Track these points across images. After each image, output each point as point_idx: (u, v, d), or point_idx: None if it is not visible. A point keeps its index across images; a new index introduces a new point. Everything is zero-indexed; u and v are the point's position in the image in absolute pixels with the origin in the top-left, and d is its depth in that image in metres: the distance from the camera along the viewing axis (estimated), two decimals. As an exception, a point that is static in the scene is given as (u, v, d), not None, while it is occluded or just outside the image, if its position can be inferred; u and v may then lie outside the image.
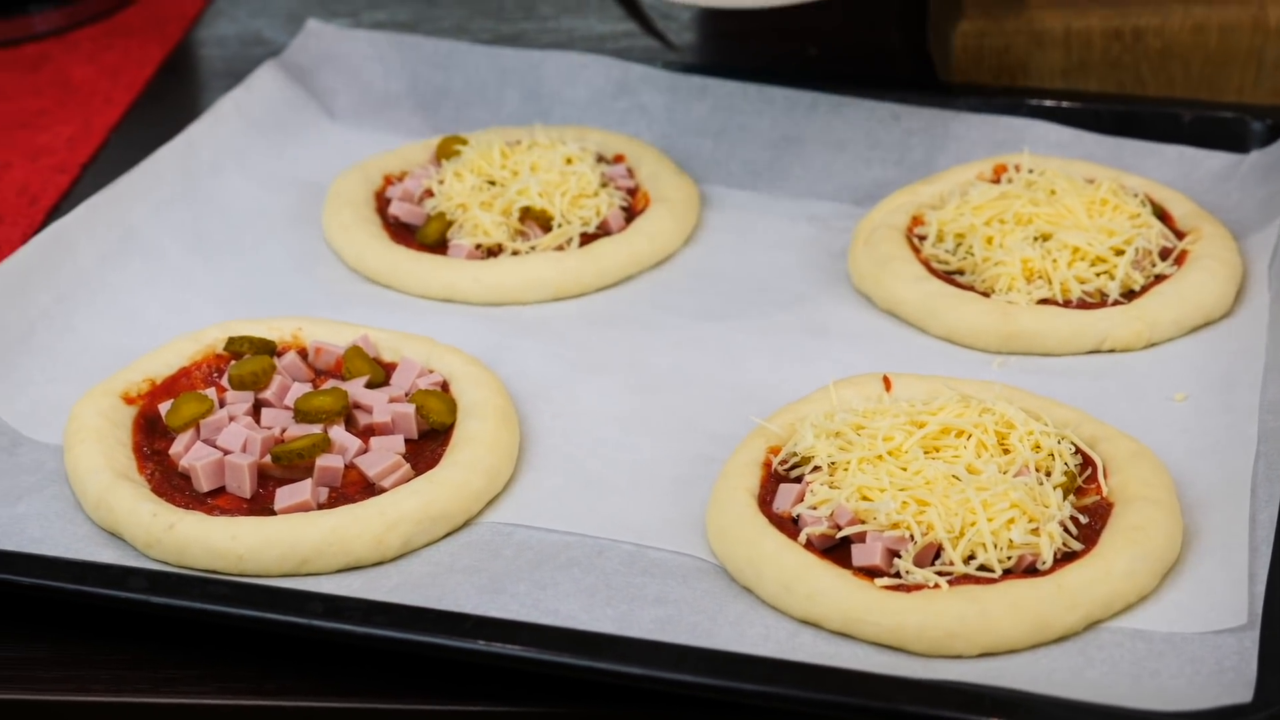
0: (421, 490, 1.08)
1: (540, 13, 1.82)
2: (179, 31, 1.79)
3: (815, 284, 1.33)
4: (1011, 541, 1.01)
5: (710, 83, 1.51)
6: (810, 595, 1.00)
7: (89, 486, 1.09)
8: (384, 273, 1.34)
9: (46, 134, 1.59)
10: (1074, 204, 1.29)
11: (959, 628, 0.98)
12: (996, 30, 1.52)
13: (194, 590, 1.00)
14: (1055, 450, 1.08)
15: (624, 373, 1.23)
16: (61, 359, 1.23)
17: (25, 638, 1.04)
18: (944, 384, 1.15)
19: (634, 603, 1.02)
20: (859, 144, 1.45)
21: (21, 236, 1.43)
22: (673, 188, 1.40)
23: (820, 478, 1.07)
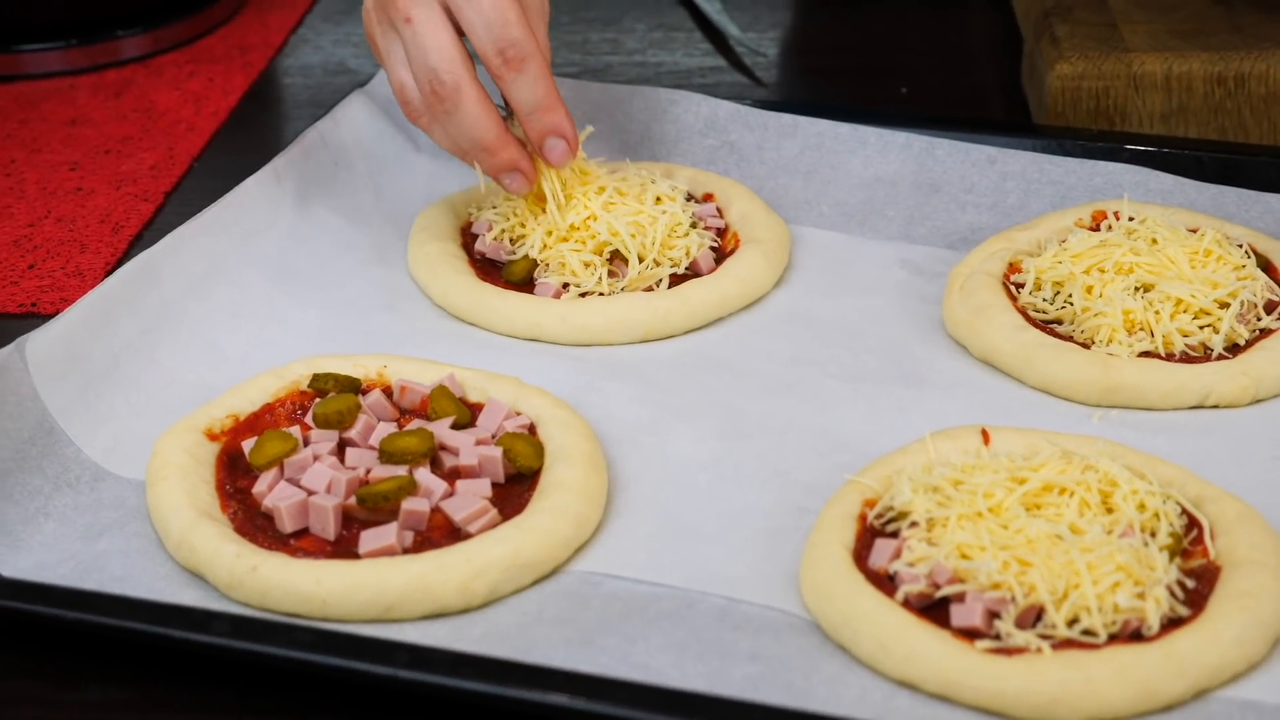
0: (509, 537, 1.06)
1: (626, 46, 1.80)
2: (263, 60, 1.78)
3: (908, 330, 1.31)
4: (1117, 605, 0.98)
5: (801, 121, 1.49)
6: (908, 656, 0.97)
7: (171, 525, 1.08)
8: (469, 310, 1.32)
9: (130, 161, 1.58)
10: (1176, 254, 1.26)
11: (1062, 694, 0.95)
12: (1095, 73, 1.50)
13: (278, 637, 0.98)
14: (1160, 510, 1.05)
15: (714, 418, 1.21)
16: (145, 393, 1.22)
17: (103, 679, 1.02)
18: (1045, 439, 1.12)
19: (726, 659, 1.00)
20: (953, 186, 1.43)
21: (105, 265, 1.42)
22: (764, 228, 1.38)
23: (918, 534, 1.04)
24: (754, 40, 1.80)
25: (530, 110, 1.29)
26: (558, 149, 1.31)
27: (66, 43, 1.75)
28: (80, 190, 1.53)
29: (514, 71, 1.27)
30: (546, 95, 1.29)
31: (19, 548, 1.09)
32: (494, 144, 1.30)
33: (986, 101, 1.67)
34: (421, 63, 1.27)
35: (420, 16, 1.26)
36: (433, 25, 1.26)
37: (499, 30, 1.26)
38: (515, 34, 1.26)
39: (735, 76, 1.74)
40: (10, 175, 1.56)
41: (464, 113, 1.28)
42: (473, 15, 1.26)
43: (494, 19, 1.25)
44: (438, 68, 1.26)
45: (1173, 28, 1.54)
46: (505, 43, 1.26)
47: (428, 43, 1.26)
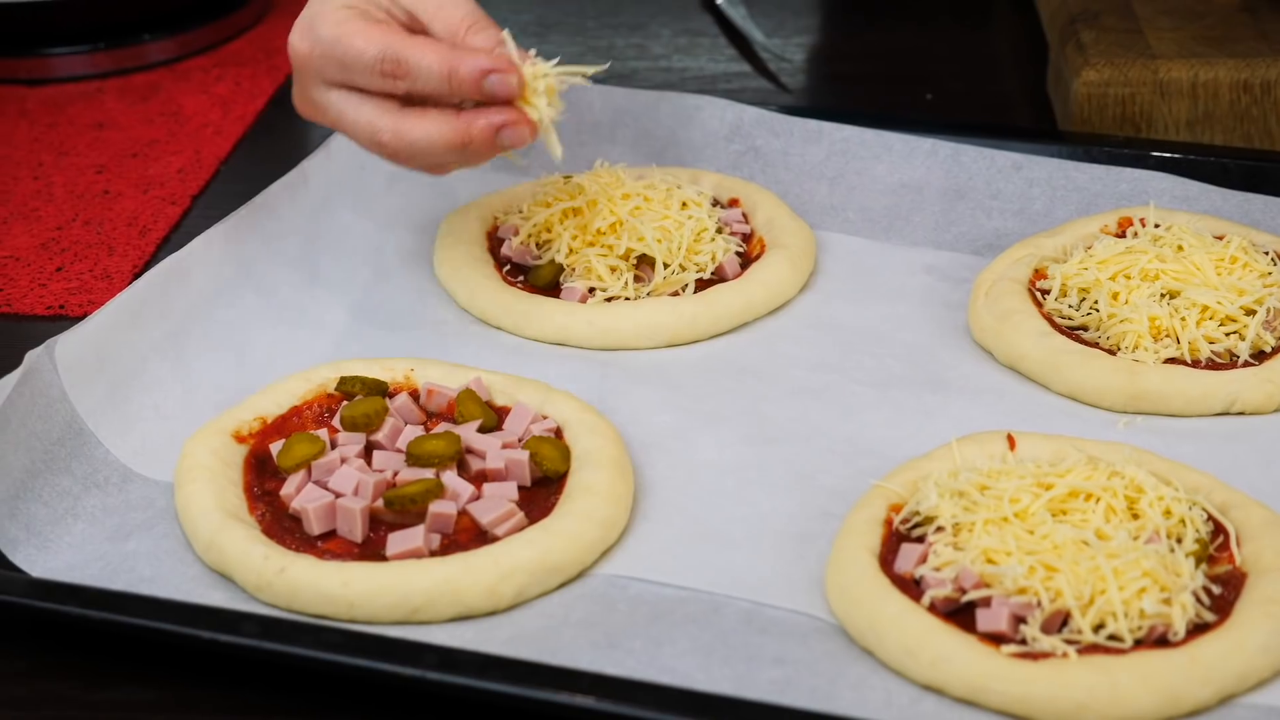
0: (536, 540, 1.06)
1: (652, 52, 1.80)
2: (288, 64, 1.77)
3: (934, 336, 1.31)
4: (1143, 611, 0.98)
5: (826, 127, 1.49)
6: (934, 661, 0.98)
7: (200, 527, 1.08)
8: (496, 314, 1.33)
9: (157, 165, 1.59)
10: (1202, 261, 1.26)
11: (1088, 699, 0.95)
12: (1121, 79, 1.50)
13: (307, 638, 0.98)
14: (1186, 517, 1.05)
15: (739, 423, 1.21)
16: (173, 395, 1.23)
17: (131, 679, 1.03)
18: (1071, 444, 1.12)
19: (752, 663, 1.00)
20: (979, 193, 1.43)
21: (132, 268, 1.43)
22: (789, 234, 1.38)
23: (944, 539, 1.04)
24: (779, 46, 1.80)
25: (444, 82, 1.20)
26: (496, 82, 1.21)
27: (94, 47, 1.76)
28: (108, 193, 1.54)
29: (403, 77, 1.20)
30: (443, 59, 1.20)
31: (48, 548, 1.09)
32: (470, 70, 1.20)
33: (1012, 108, 1.67)
34: (357, 63, 1.21)
35: (334, 35, 1.22)
36: (340, 32, 1.22)
37: (360, 60, 1.21)
38: (373, 50, 1.20)
39: (760, 82, 1.74)
40: (38, 178, 1.57)
41: (420, 57, 1.19)
42: (336, 70, 1.22)
43: (347, 53, 1.21)
44: (364, 49, 1.20)
45: (1199, 34, 1.54)
46: (374, 63, 1.20)
47: (345, 45, 1.21)
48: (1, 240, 1.47)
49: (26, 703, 1.01)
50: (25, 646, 1.04)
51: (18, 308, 1.37)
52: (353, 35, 1.20)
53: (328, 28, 1.22)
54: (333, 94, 1.24)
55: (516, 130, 1.22)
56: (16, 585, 1.04)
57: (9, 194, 1.54)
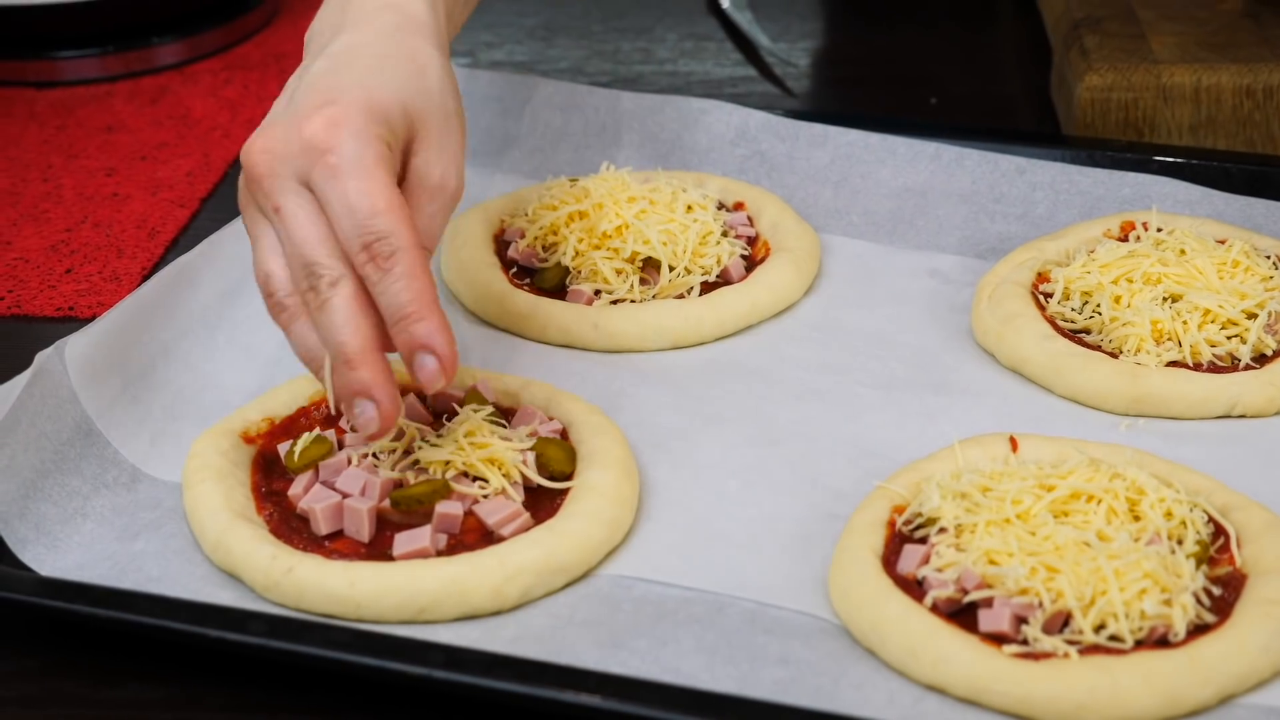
0: (542, 540, 1.07)
1: (657, 56, 1.81)
2: (297, 67, 1.79)
3: (937, 339, 1.31)
4: (1144, 612, 0.99)
5: (831, 131, 1.49)
6: (936, 661, 0.98)
7: (208, 527, 1.09)
8: (502, 316, 1.33)
9: (166, 167, 1.60)
10: (1205, 265, 1.27)
11: (1089, 699, 0.96)
12: (1124, 84, 1.50)
13: (314, 637, 0.99)
14: (1187, 519, 1.06)
15: (744, 425, 1.22)
16: (181, 396, 1.23)
17: (138, 678, 1.04)
18: (1073, 446, 1.13)
19: (755, 662, 1.01)
20: (982, 197, 1.44)
21: (141, 269, 1.44)
22: (794, 237, 1.39)
23: (946, 540, 1.05)
24: (784, 50, 1.81)
25: (396, 317, 1.07)
26: (426, 367, 1.08)
27: (103, 50, 1.77)
28: (117, 196, 1.55)
29: (379, 270, 1.06)
30: (416, 299, 1.07)
31: (57, 548, 1.10)
32: (354, 354, 1.07)
33: (1015, 112, 1.68)
34: (295, 254, 1.08)
35: (289, 206, 1.08)
36: (303, 215, 1.08)
37: (365, 220, 1.06)
38: (382, 225, 1.06)
39: (766, 86, 1.75)
40: (48, 180, 1.58)
41: (334, 310, 1.07)
42: (336, 204, 1.07)
43: (358, 207, 1.06)
44: (314, 259, 1.07)
45: (1202, 40, 1.55)
46: (370, 235, 1.06)
47: (300, 234, 1.08)
48: (11, 242, 1.48)
49: (36, 700, 1.02)
50: (35, 645, 1.05)
51: (27, 309, 1.38)
52: (378, 191, 1.07)
53: (352, 149, 1.08)
54: (289, 198, 1.09)
55: (367, 420, 1.09)
56: (26, 584, 1.05)
57: (19, 196, 1.55)
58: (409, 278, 1.07)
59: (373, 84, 1.10)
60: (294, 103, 1.11)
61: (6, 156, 1.62)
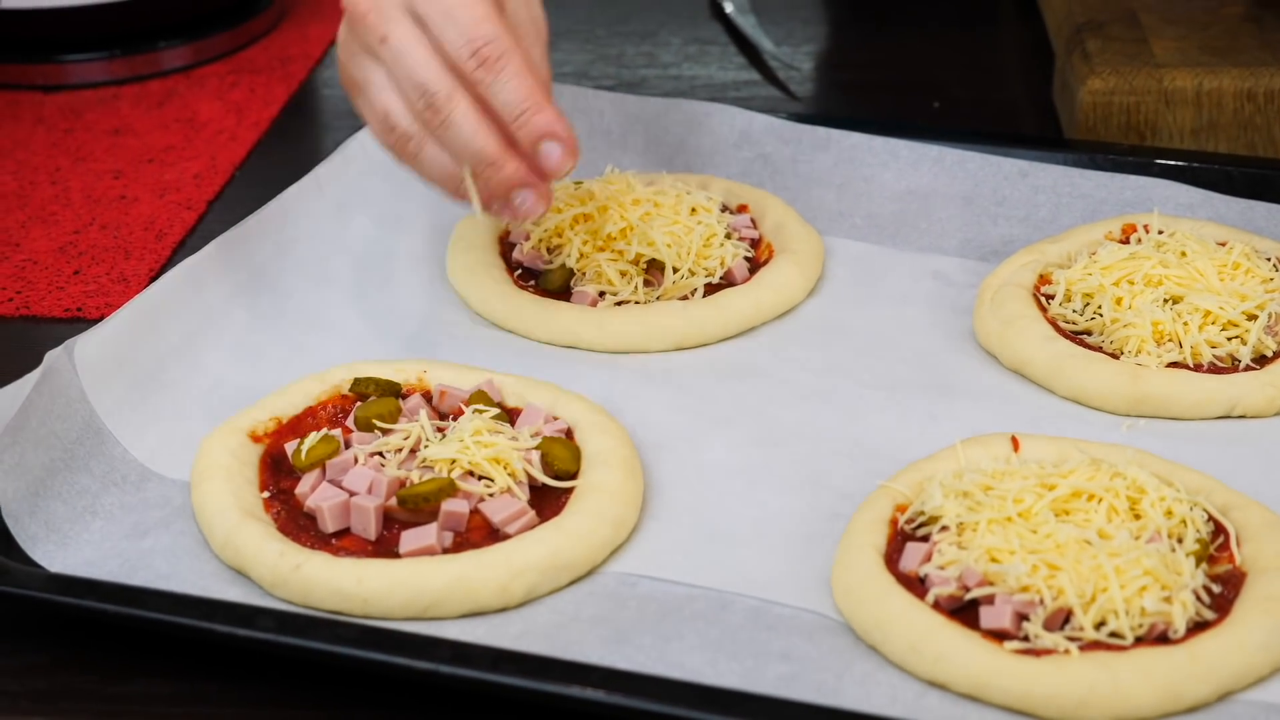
0: (547, 538, 1.08)
1: (661, 60, 1.82)
2: (303, 71, 1.80)
3: (940, 340, 1.32)
4: (1144, 609, 1.00)
5: (834, 134, 1.50)
6: (938, 657, 0.99)
7: (216, 524, 1.10)
8: (507, 317, 1.34)
9: (173, 170, 1.60)
10: (1205, 267, 1.28)
11: (1089, 695, 0.96)
12: (1126, 88, 1.51)
13: (322, 632, 1.00)
14: (1187, 517, 1.06)
15: (747, 425, 1.23)
16: (189, 396, 1.24)
17: (147, 673, 1.04)
18: (1074, 446, 1.13)
19: (759, 658, 1.01)
20: (985, 199, 1.45)
21: (149, 271, 1.44)
22: (798, 239, 1.40)
23: (948, 538, 1.06)
24: (788, 55, 1.82)
25: (516, 112, 1.17)
26: (553, 154, 1.18)
27: (110, 54, 1.78)
28: (124, 198, 1.56)
29: (490, 72, 1.15)
30: (530, 94, 1.16)
31: (67, 545, 1.11)
32: (496, 154, 1.18)
33: (1017, 116, 1.68)
34: (407, 79, 1.17)
35: (396, 33, 1.17)
36: (410, 38, 1.17)
37: (470, 28, 1.15)
38: (487, 30, 1.15)
39: (769, 90, 1.76)
40: (56, 183, 1.59)
41: (461, 123, 1.17)
42: (440, 19, 1.16)
43: (462, 17, 1.15)
44: (426, 80, 1.16)
45: (1204, 44, 1.55)
46: (479, 40, 1.15)
47: (409, 59, 1.17)
48: (20, 244, 1.48)
49: (46, 695, 1.03)
50: (45, 641, 1.06)
51: (36, 310, 1.39)
52: (474, 3, 1.15)
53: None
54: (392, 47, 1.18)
55: (533, 203, 1.22)
56: (36, 580, 1.06)
57: (27, 198, 1.56)
58: (520, 76, 1.16)
59: None
60: None
61: (15, 159, 1.63)
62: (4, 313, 1.39)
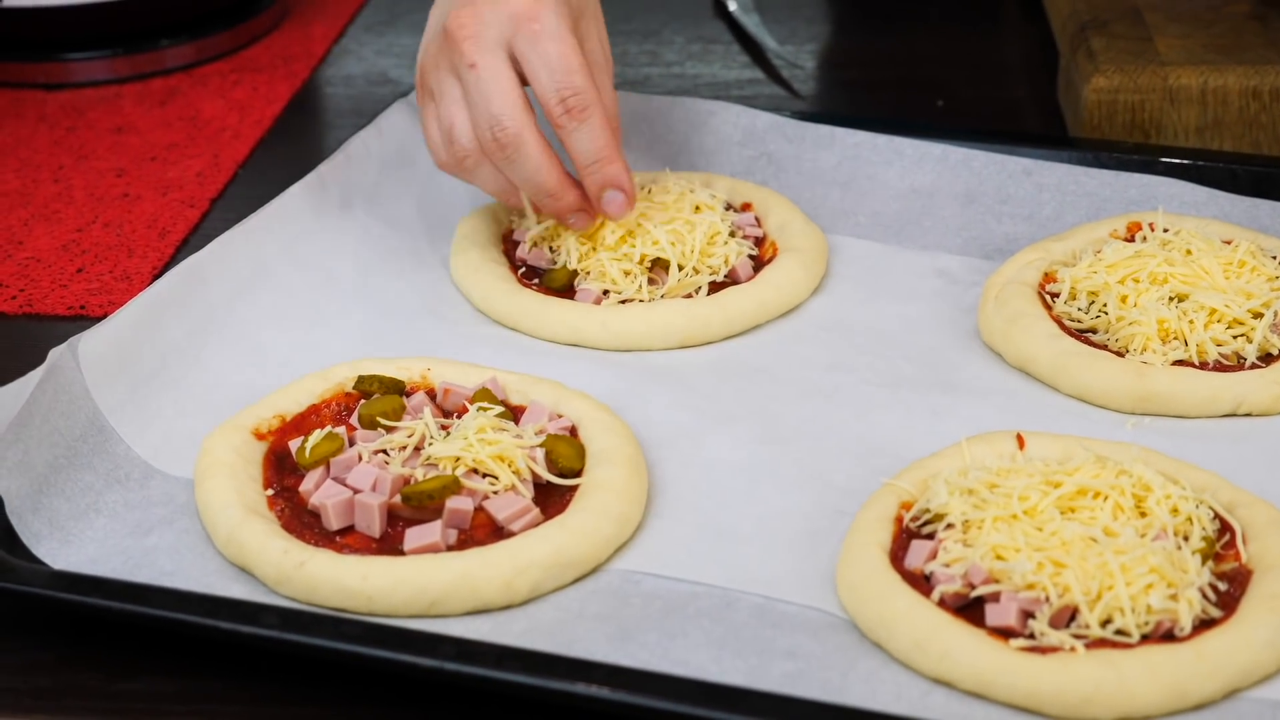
0: (552, 536, 1.07)
1: (664, 58, 1.82)
2: (306, 69, 1.80)
3: (944, 338, 1.32)
4: (1150, 607, 0.99)
5: (838, 132, 1.50)
6: (943, 655, 0.99)
7: (220, 522, 1.10)
8: (511, 315, 1.34)
9: (176, 168, 1.60)
10: (1211, 265, 1.27)
11: (1095, 692, 0.96)
12: (1130, 86, 1.51)
13: (327, 630, 1.00)
14: (1193, 515, 1.06)
15: (752, 423, 1.23)
16: (192, 393, 1.24)
17: (152, 671, 1.04)
18: (1079, 444, 1.13)
19: (764, 656, 1.01)
20: (989, 198, 1.44)
21: (151, 269, 1.44)
22: (802, 237, 1.39)
23: (953, 535, 1.06)
24: (791, 53, 1.82)
25: (590, 161, 1.29)
26: (616, 201, 1.32)
27: (112, 52, 1.78)
28: (127, 196, 1.56)
29: (576, 121, 1.27)
30: (606, 146, 1.29)
31: (70, 542, 1.11)
32: (557, 189, 1.30)
33: (1022, 115, 1.68)
34: (484, 109, 1.27)
35: (485, 63, 1.27)
36: (498, 72, 1.27)
37: (563, 78, 1.27)
38: (579, 82, 1.27)
39: (773, 89, 1.76)
40: (59, 181, 1.59)
41: (526, 158, 1.28)
42: (538, 63, 1.27)
43: (558, 67, 1.26)
44: (501, 114, 1.27)
45: (1209, 42, 1.55)
46: (569, 91, 1.27)
47: (491, 89, 1.27)
48: (23, 242, 1.48)
49: (50, 693, 1.03)
50: (49, 638, 1.06)
51: (39, 308, 1.39)
52: (573, 54, 1.27)
53: (553, 19, 1.27)
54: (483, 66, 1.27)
55: (584, 221, 1.34)
56: (40, 577, 1.06)
57: (30, 196, 1.56)
58: (600, 128, 1.28)
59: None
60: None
61: (18, 157, 1.63)
62: (7, 310, 1.39)
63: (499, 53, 1.27)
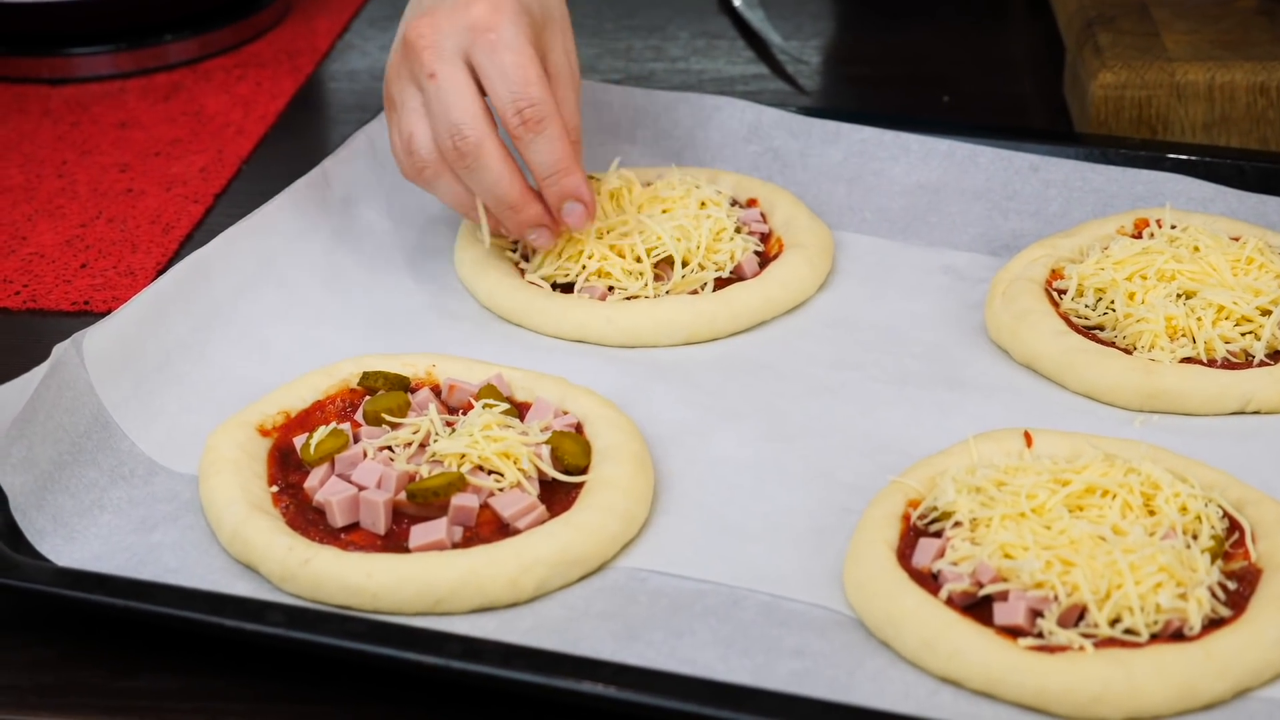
0: (558, 533, 1.07)
1: (669, 54, 1.81)
2: (310, 64, 1.80)
3: (951, 335, 1.32)
4: (1159, 606, 0.99)
5: (844, 128, 1.50)
6: (952, 653, 0.98)
7: (225, 518, 1.09)
8: (516, 311, 1.34)
9: (180, 163, 1.60)
10: (1219, 262, 1.27)
11: (1104, 692, 0.96)
12: (1137, 82, 1.51)
13: (332, 627, 0.99)
14: (1202, 513, 1.06)
15: (758, 420, 1.22)
16: (196, 389, 1.24)
17: (156, 668, 1.04)
18: (1087, 442, 1.13)
19: (771, 654, 1.01)
20: (996, 194, 1.44)
21: (155, 264, 1.44)
22: (807, 233, 1.39)
23: (961, 534, 1.05)
24: (796, 48, 1.81)
25: (549, 172, 1.28)
26: (575, 212, 1.30)
27: (116, 47, 1.77)
28: (131, 191, 1.55)
29: (532, 133, 1.26)
30: (565, 158, 1.28)
31: (74, 539, 1.10)
32: (518, 200, 1.28)
33: (1028, 111, 1.68)
34: (444, 118, 1.26)
35: (444, 72, 1.25)
36: (456, 81, 1.26)
37: (519, 89, 1.25)
38: (535, 94, 1.25)
39: (778, 84, 1.75)
40: (62, 176, 1.58)
41: (486, 168, 1.26)
42: (494, 73, 1.25)
43: (515, 78, 1.25)
44: (461, 122, 1.25)
45: (1216, 38, 1.55)
46: (525, 102, 1.25)
47: (451, 98, 1.25)
48: (27, 237, 1.48)
49: (53, 690, 1.02)
50: (53, 634, 1.06)
51: (43, 303, 1.39)
52: (530, 64, 1.26)
53: (510, 30, 1.26)
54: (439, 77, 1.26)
55: (546, 238, 1.32)
56: (44, 574, 1.05)
57: (34, 192, 1.56)
58: (557, 140, 1.27)
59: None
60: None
61: (21, 152, 1.63)
62: (11, 306, 1.39)
63: (458, 62, 1.26)
